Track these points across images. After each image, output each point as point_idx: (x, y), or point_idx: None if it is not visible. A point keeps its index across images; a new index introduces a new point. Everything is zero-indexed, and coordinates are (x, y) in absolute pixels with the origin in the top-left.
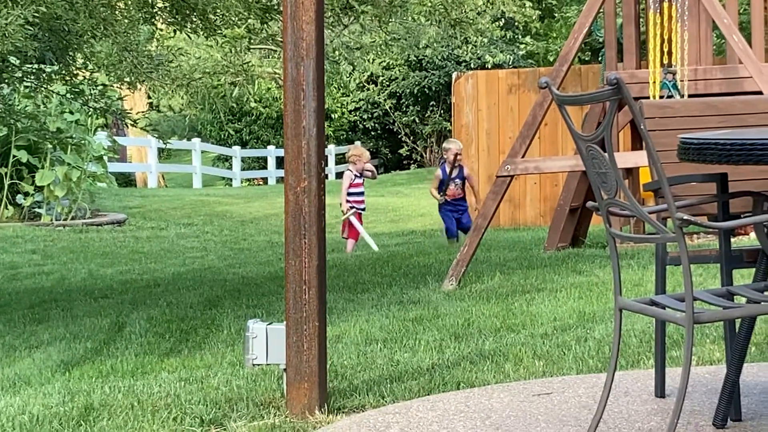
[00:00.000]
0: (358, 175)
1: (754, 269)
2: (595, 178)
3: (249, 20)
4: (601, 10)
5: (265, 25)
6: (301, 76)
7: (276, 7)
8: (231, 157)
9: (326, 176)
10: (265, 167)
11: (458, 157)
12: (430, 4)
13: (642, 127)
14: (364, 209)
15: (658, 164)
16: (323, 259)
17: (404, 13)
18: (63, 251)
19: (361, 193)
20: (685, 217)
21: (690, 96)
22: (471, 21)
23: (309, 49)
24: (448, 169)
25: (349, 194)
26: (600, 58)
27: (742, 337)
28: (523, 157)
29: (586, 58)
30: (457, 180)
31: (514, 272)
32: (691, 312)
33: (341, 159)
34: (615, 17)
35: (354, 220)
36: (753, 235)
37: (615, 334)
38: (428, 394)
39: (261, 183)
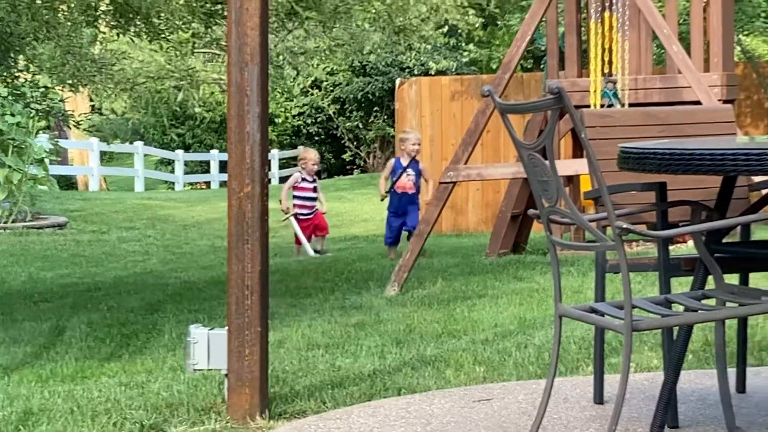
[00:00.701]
0: (309, 179)
1: (691, 277)
2: (536, 185)
3: (192, 24)
4: (544, 19)
5: (209, 30)
6: (245, 81)
7: (220, 11)
8: (174, 161)
9: (269, 181)
10: (207, 171)
11: (416, 147)
12: (374, 11)
13: (583, 135)
14: (308, 215)
15: (599, 173)
16: (266, 264)
17: (348, 19)
18: (3, 254)
19: (309, 198)
20: (625, 226)
21: (630, 105)
22: (415, 28)
23: (253, 54)
24: (403, 161)
25: (294, 197)
26: (542, 66)
27: (679, 345)
28: (465, 163)
29: (529, 66)
30: (410, 171)
31: (455, 278)
32: (629, 320)
33: (284, 164)
34: (557, 26)
35: (294, 222)
36: (691, 243)
37: (555, 340)
38: (369, 400)
39: (204, 187)
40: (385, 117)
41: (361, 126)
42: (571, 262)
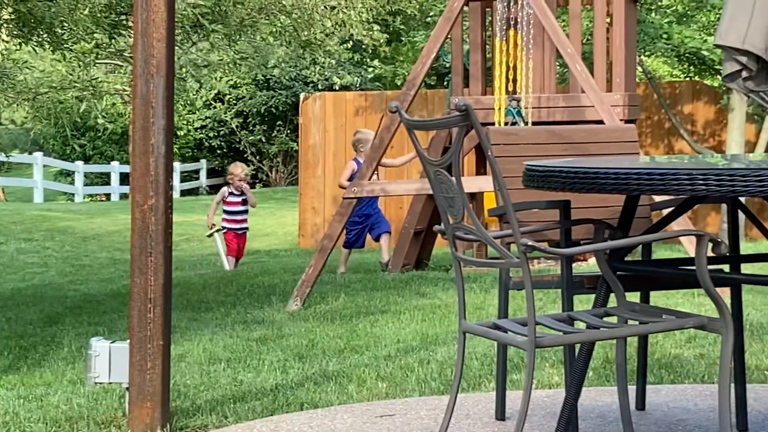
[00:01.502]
0: (236, 193)
1: (593, 295)
2: (442, 202)
3: (95, 35)
4: (449, 36)
5: (113, 40)
6: (150, 93)
7: (124, 22)
8: (74, 172)
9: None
10: (108, 183)
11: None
12: (280, 25)
13: (489, 153)
14: (240, 230)
15: (504, 190)
16: (169, 278)
17: (254, 33)
18: None
19: (238, 212)
20: (530, 243)
21: (534, 123)
22: (320, 43)
23: (159, 66)
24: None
25: (224, 211)
26: (445, 83)
27: (581, 362)
28: (369, 179)
29: (432, 83)
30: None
31: (358, 293)
32: (533, 336)
33: (186, 177)
34: (462, 43)
35: (217, 240)
36: (591, 261)
37: (458, 356)
38: (271, 415)
39: (104, 199)
40: (288, 131)
41: (264, 140)
42: (473, 278)
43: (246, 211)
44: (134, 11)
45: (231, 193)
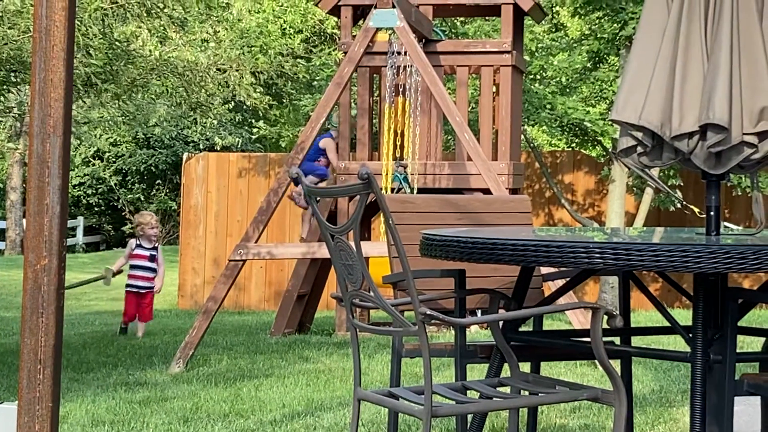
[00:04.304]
0: (146, 245)
1: (486, 364)
2: (341, 269)
3: None
4: (337, 101)
5: (2, 97)
6: (47, 152)
7: (12, 78)
8: None
9: None
10: None
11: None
12: (171, 86)
13: (390, 221)
14: (141, 288)
15: (405, 258)
16: (60, 339)
17: (145, 93)
18: None
19: (145, 268)
20: (428, 312)
21: (419, 189)
22: (210, 105)
23: (56, 126)
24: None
25: (130, 266)
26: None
27: (473, 431)
28: (256, 242)
29: None
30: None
31: (241, 356)
32: (429, 406)
33: None
34: (350, 108)
35: (103, 281)
36: (474, 328)
37: (352, 423)
38: None
39: None
40: (168, 190)
41: (143, 198)
42: None
43: (153, 269)
44: (32, 70)
45: (139, 245)
